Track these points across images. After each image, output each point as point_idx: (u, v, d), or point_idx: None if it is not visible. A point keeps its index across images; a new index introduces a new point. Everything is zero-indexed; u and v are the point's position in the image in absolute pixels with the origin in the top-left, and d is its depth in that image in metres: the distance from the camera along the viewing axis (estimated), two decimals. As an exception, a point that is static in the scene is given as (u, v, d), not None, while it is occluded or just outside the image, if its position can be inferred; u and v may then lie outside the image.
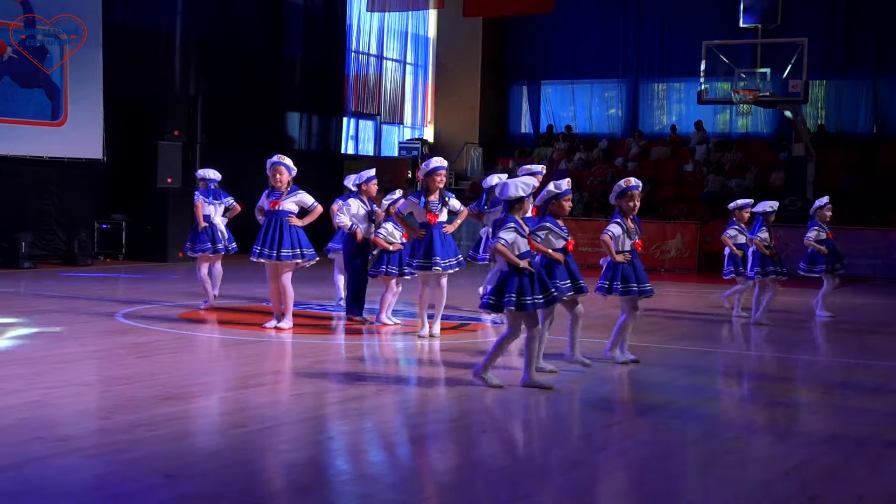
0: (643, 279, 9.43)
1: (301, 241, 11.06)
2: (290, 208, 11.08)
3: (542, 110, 31.45)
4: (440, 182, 10.69)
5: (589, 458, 6.37)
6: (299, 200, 11.13)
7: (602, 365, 9.61)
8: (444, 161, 10.92)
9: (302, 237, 11.09)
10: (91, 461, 5.86)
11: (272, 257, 10.96)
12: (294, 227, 11.05)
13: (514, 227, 8.08)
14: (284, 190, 11.07)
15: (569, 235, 8.98)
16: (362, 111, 28.99)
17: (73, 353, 9.61)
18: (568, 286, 8.91)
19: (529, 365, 8.33)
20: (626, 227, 9.32)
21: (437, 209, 10.62)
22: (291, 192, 11.10)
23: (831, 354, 11.21)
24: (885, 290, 19.27)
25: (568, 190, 8.91)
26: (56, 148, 19.37)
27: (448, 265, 10.64)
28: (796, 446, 6.77)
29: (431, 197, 10.65)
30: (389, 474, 5.96)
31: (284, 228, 10.99)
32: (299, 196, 11.13)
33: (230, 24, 23.55)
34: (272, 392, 8.09)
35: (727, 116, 28.94)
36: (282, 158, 11.22)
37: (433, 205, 10.61)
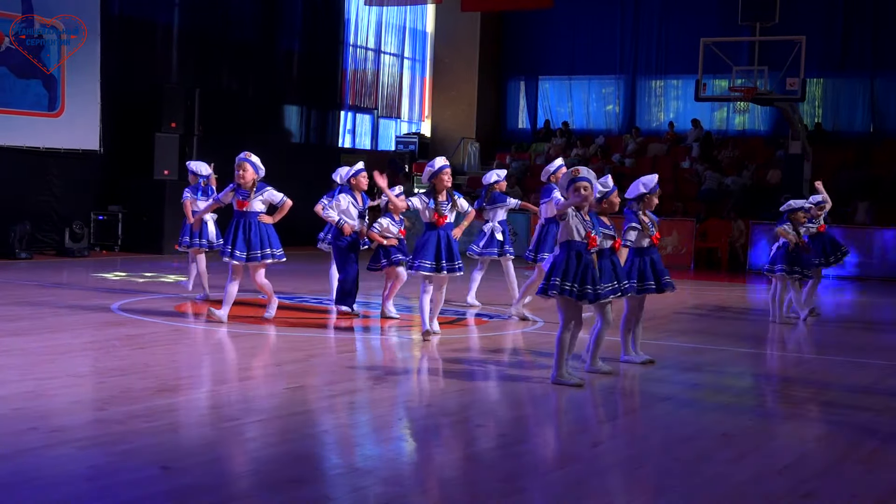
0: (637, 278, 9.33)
1: (271, 241, 10.96)
2: (259, 208, 10.92)
3: (540, 106, 31.45)
4: (447, 182, 10.40)
5: (583, 454, 6.39)
6: (267, 198, 10.96)
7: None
8: (446, 160, 10.68)
9: (272, 236, 10.99)
10: (86, 452, 5.87)
11: (242, 259, 10.85)
12: (264, 226, 10.93)
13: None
14: (251, 189, 10.87)
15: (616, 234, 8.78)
16: (359, 105, 28.99)
17: (68, 344, 9.61)
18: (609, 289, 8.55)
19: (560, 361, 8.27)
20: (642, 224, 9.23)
21: (446, 210, 10.34)
22: (258, 191, 10.91)
23: (825, 352, 11.23)
24: (878, 288, 19.29)
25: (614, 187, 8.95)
26: (53, 139, 19.35)
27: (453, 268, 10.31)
28: (789, 444, 6.79)
29: (440, 198, 10.36)
30: (384, 468, 5.97)
31: (253, 229, 10.85)
32: (266, 194, 10.95)
33: (228, 16, 23.53)
34: (267, 385, 8.09)
35: (724, 114, 28.95)
36: (248, 156, 10.97)
37: (442, 206, 10.32)
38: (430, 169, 10.44)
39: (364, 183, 12.00)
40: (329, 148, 26.59)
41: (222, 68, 23.33)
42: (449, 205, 10.37)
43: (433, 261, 10.19)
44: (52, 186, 19.67)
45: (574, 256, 8.04)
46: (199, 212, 12.18)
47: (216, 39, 23.15)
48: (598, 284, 8.16)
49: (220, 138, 21.91)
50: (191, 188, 13.05)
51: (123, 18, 20.99)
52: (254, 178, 10.90)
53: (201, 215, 12.05)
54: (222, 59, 23.31)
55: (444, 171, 10.37)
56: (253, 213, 10.87)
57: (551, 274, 8.08)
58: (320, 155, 25.64)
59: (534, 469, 6.03)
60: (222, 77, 23.28)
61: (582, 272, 8.04)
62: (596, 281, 8.14)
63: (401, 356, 9.98)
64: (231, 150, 23.04)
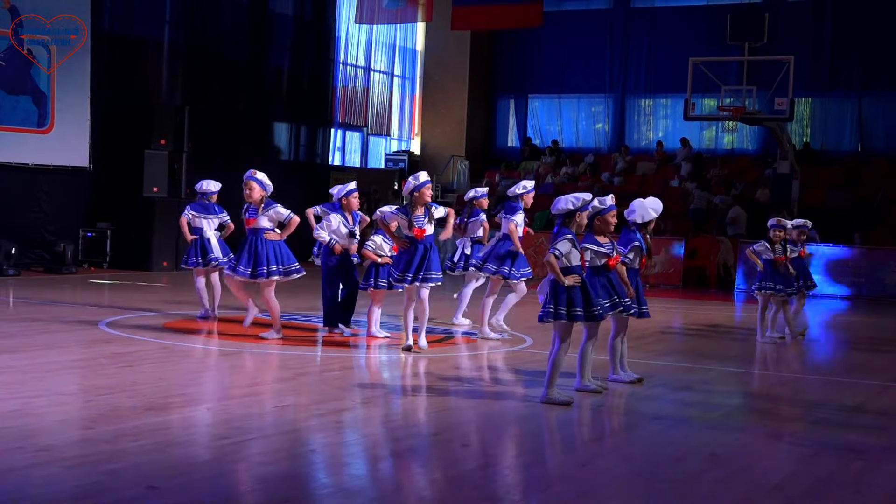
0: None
1: (279, 258, 11.00)
2: (266, 225, 11.01)
3: (529, 124, 31.52)
4: (428, 196, 10.59)
5: (571, 474, 6.38)
6: (273, 215, 11.04)
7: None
8: (427, 175, 10.79)
9: (281, 253, 11.03)
10: (73, 471, 5.84)
11: (246, 275, 10.94)
12: (273, 243, 11.00)
13: (570, 239, 8.18)
14: (259, 206, 11.02)
15: (613, 252, 8.82)
16: (349, 123, 29.02)
17: (56, 362, 9.58)
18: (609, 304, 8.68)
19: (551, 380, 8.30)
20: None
21: (422, 223, 10.46)
22: (266, 208, 11.03)
23: (814, 372, 11.25)
24: (868, 308, 19.35)
25: (612, 206, 8.90)
26: (42, 155, 19.32)
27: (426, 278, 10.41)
28: (777, 464, 6.80)
29: (417, 212, 10.50)
30: (371, 488, 5.96)
31: (260, 246, 10.93)
32: (272, 211, 11.04)
33: (218, 33, 23.55)
34: (255, 403, 8.07)
35: (713, 133, 29.06)
36: (254, 173, 11.11)
37: (417, 220, 10.45)
38: (414, 182, 10.54)
39: (355, 203, 11.98)
40: (319, 165, 26.60)
41: (212, 85, 23.34)
42: (426, 218, 10.47)
43: (401, 272, 10.47)
44: (40, 203, 19.63)
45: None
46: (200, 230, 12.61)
47: (206, 56, 23.16)
48: (593, 305, 8.20)
49: (209, 156, 21.91)
50: (191, 205, 12.99)
51: (113, 35, 20.99)
52: (262, 195, 11.04)
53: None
54: (212, 76, 23.32)
55: (426, 185, 10.54)
56: (260, 230, 10.97)
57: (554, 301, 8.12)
58: (310, 172, 25.67)
59: (520, 489, 6.02)
60: (212, 94, 23.28)
61: (583, 295, 8.14)
62: (591, 301, 8.18)
63: (388, 375, 9.97)
64: (220, 168, 23.16)
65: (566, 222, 8.27)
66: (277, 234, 11.06)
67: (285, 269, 11.07)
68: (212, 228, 12.87)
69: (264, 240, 10.96)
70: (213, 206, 13.02)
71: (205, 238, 12.70)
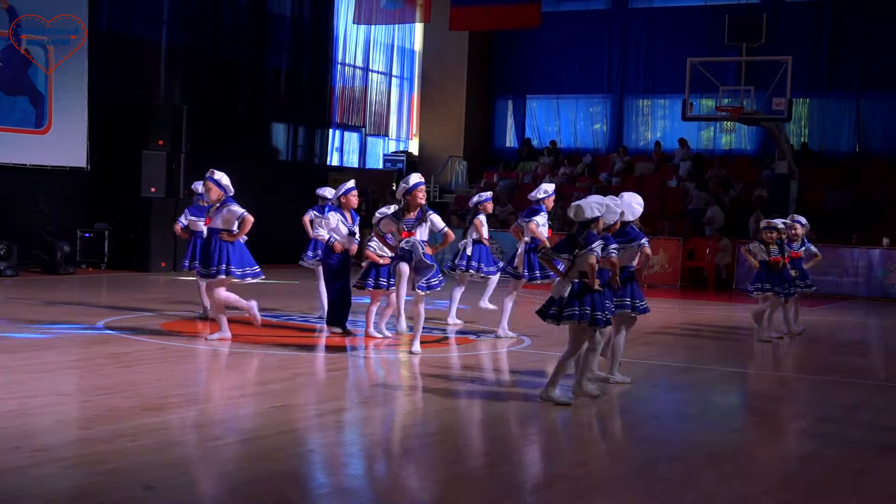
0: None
1: (230, 258, 10.75)
2: (221, 225, 10.85)
3: (528, 125, 31.52)
4: (421, 199, 10.42)
5: (570, 473, 6.38)
6: (226, 214, 10.84)
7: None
8: (421, 177, 10.62)
9: (233, 254, 10.80)
10: (70, 472, 5.83)
11: (199, 273, 10.94)
12: (225, 244, 10.78)
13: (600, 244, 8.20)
14: (215, 206, 10.89)
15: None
16: (348, 123, 29.02)
17: (53, 362, 9.57)
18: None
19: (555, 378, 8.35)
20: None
21: (412, 227, 10.29)
22: (221, 208, 10.88)
23: (811, 371, 11.25)
24: (865, 308, 19.36)
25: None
26: (39, 156, 19.31)
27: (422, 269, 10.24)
28: (775, 464, 6.79)
29: (409, 215, 10.36)
30: (370, 488, 5.95)
31: (214, 245, 10.78)
32: (226, 210, 10.86)
33: (216, 34, 23.54)
34: (253, 403, 8.06)
35: (711, 133, 29.06)
36: (212, 174, 10.99)
37: (407, 222, 10.31)
38: (405, 185, 10.42)
39: (354, 202, 11.99)
40: (317, 166, 26.58)
41: (210, 86, 23.31)
42: (416, 221, 10.32)
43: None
44: (38, 203, 19.61)
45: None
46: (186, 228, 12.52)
47: (204, 57, 23.15)
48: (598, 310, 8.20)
49: (207, 156, 21.87)
50: (189, 207, 13.08)
51: (111, 35, 20.98)
52: (219, 195, 10.89)
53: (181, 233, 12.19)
54: (210, 76, 23.30)
55: (418, 188, 10.36)
56: (216, 230, 10.84)
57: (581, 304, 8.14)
58: (308, 173, 25.65)
59: (520, 488, 6.02)
60: (210, 95, 23.26)
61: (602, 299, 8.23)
62: (595, 305, 8.19)
63: (387, 375, 9.96)
64: (219, 169, 23.02)
65: (593, 227, 8.27)
66: (231, 235, 10.83)
67: (241, 272, 10.86)
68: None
69: (219, 240, 10.79)
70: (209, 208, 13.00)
71: (202, 239, 12.72)
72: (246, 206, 11.20)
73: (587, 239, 8.20)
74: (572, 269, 8.20)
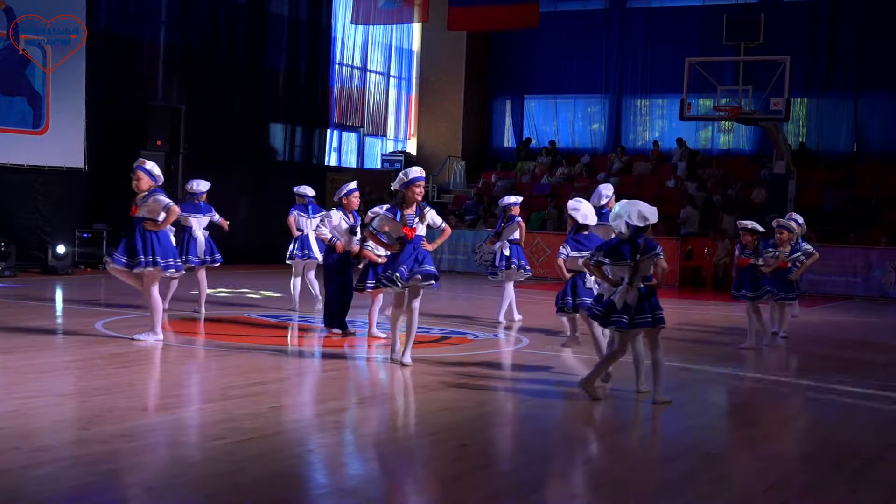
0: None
1: (154, 249, 10.54)
2: (145, 214, 10.62)
3: (526, 125, 31.52)
4: (419, 194, 9.80)
5: (567, 474, 6.38)
6: (152, 203, 10.62)
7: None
8: (422, 171, 10.09)
9: (157, 245, 10.58)
10: (69, 472, 5.83)
11: (122, 264, 10.55)
12: (154, 235, 10.56)
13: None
14: (142, 195, 10.63)
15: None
16: (346, 123, 29.01)
17: (52, 362, 9.56)
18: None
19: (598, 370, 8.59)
20: None
21: (412, 223, 9.74)
22: (147, 197, 10.63)
23: (809, 372, 11.25)
24: (864, 308, 19.36)
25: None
26: (37, 156, 19.31)
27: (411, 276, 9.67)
28: (773, 464, 6.80)
29: (408, 210, 9.78)
30: (370, 488, 5.95)
31: (139, 236, 10.53)
32: (151, 199, 10.61)
33: (214, 34, 23.55)
34: (252, 404, 8.05)
35: (709, 133, 29.07)
36: (142, 163, 10.74)
37: (409, 218, 9.73)
38: (404, 178, 9.82)
39: (355, 203, 11.98)
40: (315, 166, 26.58)
41: (208, 86, 23.32)
42: (416, 218, 9.79)
43: (391, 271, 9.73)
44: (36, 204, 19.60)
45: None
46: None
47: (202, 57, 23.15)
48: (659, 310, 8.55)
49: (205, 156, 21.91)
50: (182, 204, 13.20)
51: (109, 35, 20.98)
52: (150, 185, 10.67)
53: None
54: (208, 76, 23.31)
55: (417, 182, 9.80)
56: (140, 220, 10.61)
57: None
58: (306, 173, 25.62)
59: (518, 489, 6.02)
60: (208, 95, 23.27)
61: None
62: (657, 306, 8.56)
63: (386, 375, 9.95)
64: (217, 169, 23.08)
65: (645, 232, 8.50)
66: (155, 224, 10.60)
67: (165, 263, 10.63)
68: (201, 227, 13.29)
69: (143, 229, 10.56)
70: (202, 205, 13.39)
71: (193, 237, 13.15)
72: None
73: (647, 244, 8.35)
74: (637, 275, 8.34)
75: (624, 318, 8.31)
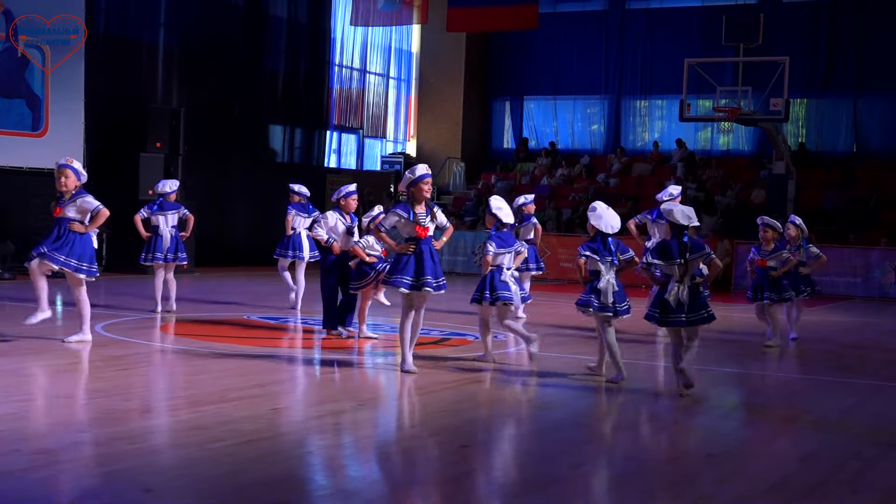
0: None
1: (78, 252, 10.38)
2: (72, 215, 10.42)
3: (525, 126, 31.53)
4: (427, 192, 9.54)
5: (566, 475, 6.37)
6: (81, 205, 10.47)
7: (581, 381, 9.62)
8: (428, 168, 9.84)
9: (83, 246, 10.43)
10: (69, 474, 5.83)
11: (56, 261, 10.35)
12: (77, 236, 10.39)
13: None
14: (68, 195, 10.45)
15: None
16: (345, 125, 29.01)
17: (51, 365, 9.55)
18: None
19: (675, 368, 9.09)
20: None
21: (425, 222, 9.45)
22: (74, 197, 10.44)
23: (810, 372, 11.25)
24: (863, 308, 19.36)
25: None
26: (36, 159, 19.28)
27: (439, 285, 9.49)
28: (774, 464, 6.79)
29: (419, 209, 9.49)
30: (369, 490, 5.95)
31: (65, 235, 10.36)
32: (80, 201, 10.43)
33: (213, 36, 23.54)
34: (251, 406, 8.05)
35: (708, 133, 29.09)
36: (70, 161, 10.57)
37: (421, 217, 9.42)
38: (411, 176, 9.59)
39: (353, 205, 11.98)
40: (315, 168, 26.58)
41: (208, 88, 23.32)
42: (428, 217, 9.49)
43: (413, 277, 9.36)
44: (35, 206, 19.56)
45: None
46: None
47: (202, 59, 23.14)
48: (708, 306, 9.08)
49: (205, 158, 21.91)
50: (148, 205, 13.77)
51: (108, 37, 20.97)
52: (76, 184, 10.50)
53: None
54: (208, 78, 23.30)
55: (424, 179, 9.55)
56: (65, 220, 10.41)
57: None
58: (306, 175, 25.60)
59: (516, 490, 6.01)
60: (207, 96, 23.26)
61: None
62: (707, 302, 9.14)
63: (385, 377, 9.95)
64: (217, 171, 23.07)
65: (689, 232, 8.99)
66: (82, 227, 10.47)
67: (77, 265, 10.47)
68: (168, 225, 13.53)
69: (68, 230, 10.38)
70: (169, 204, 13.63)
71: (160, 234, 13.45)
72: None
73: (693, 244, 8.81)
74: (687, 273, 8.79)
75: (681, 317, 8.80)
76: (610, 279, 9.33)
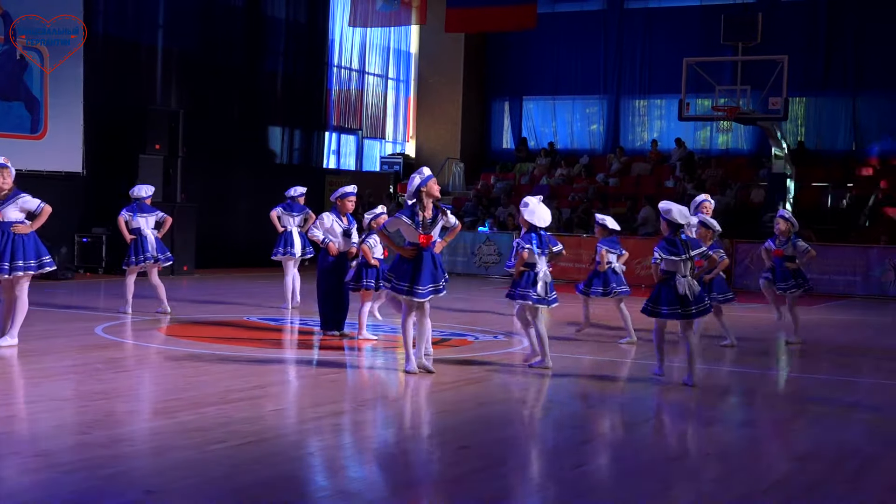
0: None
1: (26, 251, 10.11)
2: (15, 216, 10.18)
3: (524, 126, 31.53)
4: (436, 190, 9.40)
5: (566, 475, 6.37)
6: (22, 205, 10.21)
7: (580, 381, 9.63)
8: (429, 170, 9.63)
9: (27, 247, 10.15)
10: (69, 477, 5.83)
11: (4, 271, 10.03)
12: (22, 236, 10.15)
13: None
14: (5, 195, 10.21)
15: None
16: (344, 126, 29.01)
17: (52, 367, 9.56)
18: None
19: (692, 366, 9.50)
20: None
21: (429, 229, 9.33)
22: (12, 198, 10.22)
23: (808, 371, 11.26)
24: (863, 306, 19.37)
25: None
26: (35, 161, 19.26)
27: (437, 289, 9.47)
28: (774, 463, 6.80)
29: (426, 214, 9.33)
30: (369, 490, 5.95)
31: (9, 239, 10.09)
32: (21, 201, 10.22)
33: (212, 38, 23.54)
34: (252, 407, 8.05)
35: (707, 133, 29.08)
36: (6, 161, 10.37)
37: (427, 223, 9.32)
38: (419, 177, 9.38)
39: (350, 206, 11.93)
40: (314, 169, 26.58)
41: (207, 90, 23.31)
42: (436, 222, 9.39)
43: (408, 283, 9.34)
44: (34, 208, 19.57)
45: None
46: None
47: (200, 61, 23.14)
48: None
49: (204, 160, 21.91)
50: (126, 208, 13.74)
51: (107, 39, 20.97)
52: (11, 185, 10.30)
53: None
54: (206, 80, 23.29)
55: (433, 179, 9.44)
56: (7, 223, 10.16)
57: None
58: (305, 176, 25.62)
59: (516, 491, 6.02)
60: (206, 98, 23.25)
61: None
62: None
63: (384, 378, 9.95)
64: (216, 172, 23.07)
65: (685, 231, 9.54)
66: (26, 228, 10.18)
67: (38, 263, 10.24)
68: (149, 227, 13.57)
69: (11, 233, 10.14)
70: (147, 207, 13.72)
71: (143, 235, 13.46)
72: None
73: (693, 241, 9.50)
74: (689, 269, 9.33)
75: (689, 310, 9.35)
76: (546, 270, 9.79)
